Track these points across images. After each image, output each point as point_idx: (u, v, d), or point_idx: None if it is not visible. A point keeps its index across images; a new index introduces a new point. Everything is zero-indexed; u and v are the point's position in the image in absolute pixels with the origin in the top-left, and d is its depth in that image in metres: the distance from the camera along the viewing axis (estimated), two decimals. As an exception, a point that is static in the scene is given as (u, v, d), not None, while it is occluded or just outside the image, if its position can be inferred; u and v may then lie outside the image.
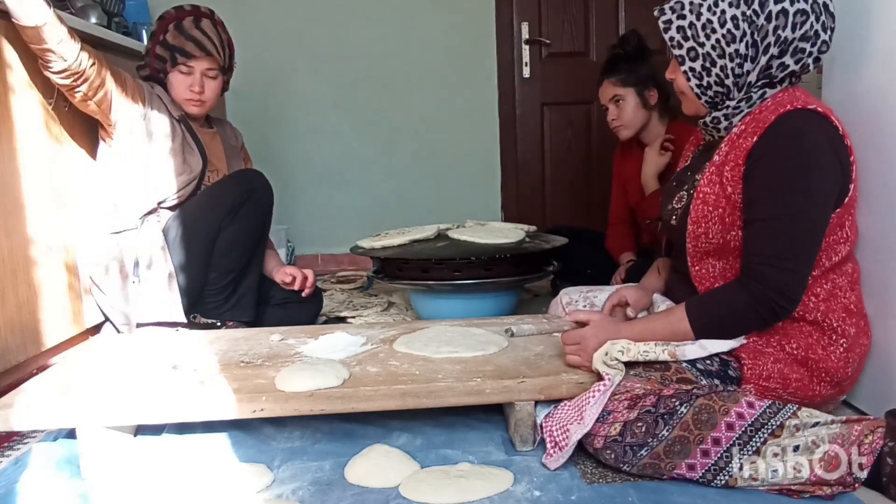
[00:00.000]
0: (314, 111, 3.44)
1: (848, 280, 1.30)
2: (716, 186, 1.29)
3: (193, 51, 1.90)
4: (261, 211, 1.92)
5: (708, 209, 1.29)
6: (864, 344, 1.30)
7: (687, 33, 1.28)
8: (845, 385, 1.31)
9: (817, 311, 1.26)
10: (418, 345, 1.49)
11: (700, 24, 1.26)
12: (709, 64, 1.28)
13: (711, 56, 1.27)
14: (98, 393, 1.28)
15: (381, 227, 2.49)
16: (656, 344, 1.25)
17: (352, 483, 1.18)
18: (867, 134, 1.33)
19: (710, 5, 1.26)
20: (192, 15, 1.94)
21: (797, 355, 1.26)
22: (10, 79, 1.66)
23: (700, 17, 1.26)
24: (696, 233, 1.32)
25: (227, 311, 1.91)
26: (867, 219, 1.34)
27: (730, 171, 1.27)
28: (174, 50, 1.90)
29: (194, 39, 1.90)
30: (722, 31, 1.25)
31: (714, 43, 1.26)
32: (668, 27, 1.30)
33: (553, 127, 3.51)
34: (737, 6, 1.24)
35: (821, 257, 1.26)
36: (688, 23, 1.28)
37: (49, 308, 1.79)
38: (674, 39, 1.30)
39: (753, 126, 1.26)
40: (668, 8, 1.31)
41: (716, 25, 1.25)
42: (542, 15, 3.42)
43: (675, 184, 1.46)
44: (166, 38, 1.91)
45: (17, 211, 1.68)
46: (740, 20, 1.24)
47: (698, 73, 1.29)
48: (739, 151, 1.26)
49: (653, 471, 1.14)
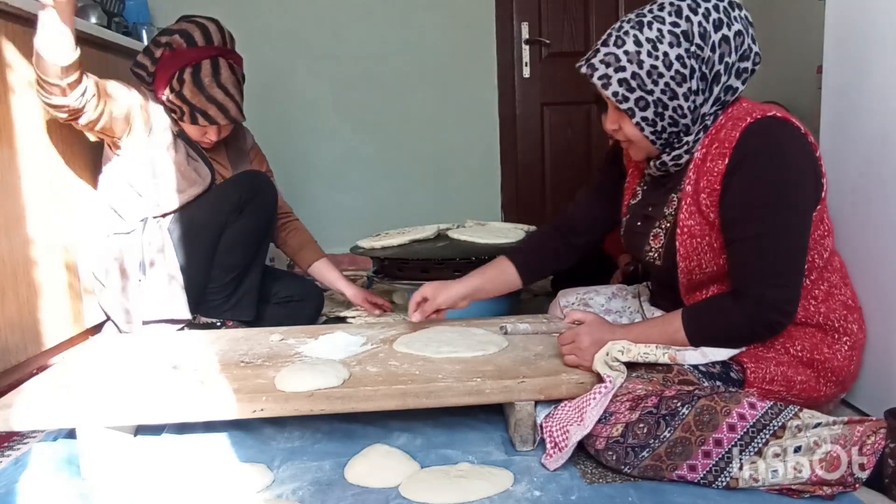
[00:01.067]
0: (314, 111, 3.44)
1: (840, 276, 1.30)
2: (697, 217, 1.26)
3: (217, 117, 1.82)
4: (265, 210, 1.91)
5: (696, 241, 1.27)
6: (863, 339, 1.31)
7: (631, 84, 1.21)
8: (848, 382, 1.31)
9: (818, 314, 1.26)
10: (418, 345, 1.49)
11: (644, 73, 1.20)
12: (661, 109, 1.22)
13: (662, 101, 1.21)
14: (98, 393, 1.28)
15: (381, 227, 2.49)
16: (657, 347, 1.24)
17: (352, 483, 1.18)
18: (867, 133, 1.33)
19: (650, 50, 1.19)
20: (208, 57, 1.81)
21: (802, 357, 1.25)
22: (10, 79, 1.66)
23: (642, 66, 1.19)
24: (688, 267, 1.29)
25: (228, 310, 1.91)
26: (867, 218, 1.34)
27: (707, 198, 1.24)
28: (194, 109, 1.81)
29: (217, 103, 1.81)
30: (670, 73, 1.19)
31: (663, 87, 1.20)
32: (608, 83, 1.22)
33: (553, 127, 3.51)
34: (678, 45, 1.19)
35: (812, 257, 1.25)
36: (630, 74, 1.20)
37: (49, 308, 1.79)
38: (618, 94, 1.22)
39: (717, 147, 1.23)
40: (599, 62, 1.23)
41: (662, 70, 1.19)
42: (542, 15, 3.42)
43: (640, 222, 1.42)
44: (183, 91, 1.80)
45: (17, 211, 1.68)
46: (686, 58, 1.19)
47: (651, 120, 1.23)
48: (712, 176, 1.23)
49: (654, 472, 1.14)
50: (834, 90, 1.47)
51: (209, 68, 1.81)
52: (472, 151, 3.50)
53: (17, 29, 1.69)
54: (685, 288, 1.33)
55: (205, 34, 1.83)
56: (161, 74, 1.83)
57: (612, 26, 1.26)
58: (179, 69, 1.80)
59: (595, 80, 1.23)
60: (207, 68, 1.81)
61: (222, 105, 1.82)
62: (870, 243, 1.35)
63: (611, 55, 1.22)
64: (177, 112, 1.84)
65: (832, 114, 1.47)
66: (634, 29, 1.21)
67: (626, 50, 1.20)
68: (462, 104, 3.47)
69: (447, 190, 3.51)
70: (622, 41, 1.21)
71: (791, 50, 3.04)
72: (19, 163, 1.69)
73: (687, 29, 1.19)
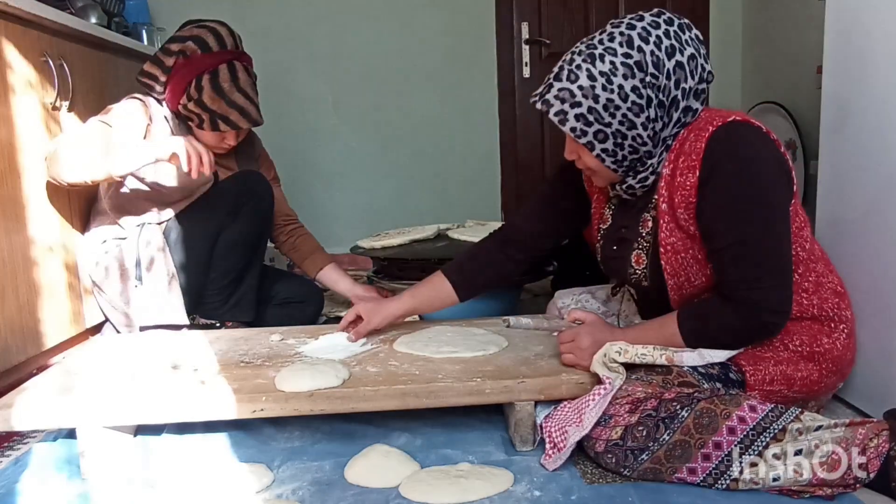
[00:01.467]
0: (314, 111, 3.44)
1: (824, 263, 1.30)
2: (677, 233, 1.25)
3: (239, 121, 1.81)
4: (261, 212, 1.90)
5: (680, 257, 1.26)
6: (853, 321, 1.30)
7: (588, 119, 1.19)
8: (847, 369, 1.31)
9: (812, 307, 1.26)
10: (418, 345, 1.49)
11: (601, 106, 1.18)
12: (620, 139, 1.21)
13: (621, 132, 1.20)
14: (98, 393, 1.28)
15: (381, 227, 2.50)
16: (654, 348, 1.24)
17: (352, 483, 1.18)
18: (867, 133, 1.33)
19: (604, 84, 1.17)
20: (224, 62, 1.79)
21: (802, 352, 1.25)
22: (10, 79, 1.66)
23: (598, 100, 1.18)
24: (678, 283, 1.29)
25: (227, 311, 1.91)
26: (867, 218, 1.34)
27: (684, 212, 1.23)
28: (215, 116, 1.79)
29: (238, 108, 1.79)
30: (626, 105, 1.18)
31: (621, 118, 1.19)
32: (565, 118, 1.21)
33: (553, 127, 3.48)
34: (632, 76, 1.17)
35: (795, 250, 1.24)
36: (586, 108, 1.19)
37: (49, 308, 1.79)
38: (576, 129, 1.21)
39: (685, 160, 1.22)
40: (554, 98, 1.21)
41: (618, 102, 1.18)
42: (542, 15, 3.42)
43: (616, 246, 1.40)
44: (203, 98, 1.77)
45: (17, 211, 1.68)
46: (641, 88, 1.18)
47: (611, 151, 1.22)
48: (685, 190, 1.22)
49: (654, 475, 1.13)
50: (834, 90, 1.47)
51: (227, 73, 1.79)
52: (472, 151, 3.51)
53: (17, 29, 1.70)
54: (676, 303, 1.31)
55: (218, 39, 1.81)
56: (175, 83, 1.80)
57: (563, 58, 1.24)
58: (196, 77, 1.78)
59: (551, 116, 1.22)
60: (225, 74, 1.79)
61: (243, 109, 1.81)
62: (869, 243, 1.35)
63: (565, 90, 1.20)
64: (195, 120, 1.82)
65: (832, 114, 1.47)
66: (587, 62, 1.19)
67: (581, 84, 1.19)
68: (462, 104, 3.47)
69: (447, 190, 3.51)
70: (575, 76, 1.19)
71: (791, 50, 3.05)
72: (19, 163, 1.69)
73: (640, 59, 1.18)
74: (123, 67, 2.31)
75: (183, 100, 1.80)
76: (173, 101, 1.82)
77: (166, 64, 1.81)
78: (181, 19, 1.94)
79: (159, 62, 1.82)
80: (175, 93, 1.81)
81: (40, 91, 1.79)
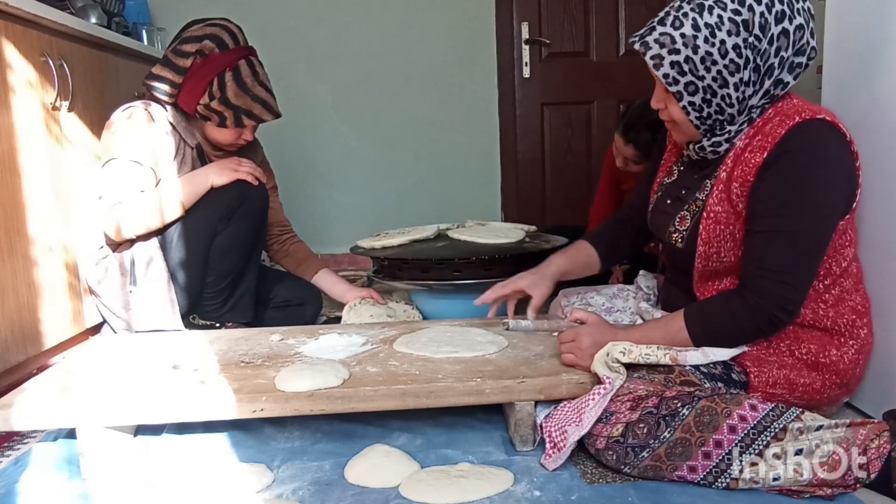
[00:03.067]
0: (314, 111, 3.44)
1: (853, 281, 1.30)
2: (725, 204, 1.26)
3: (263, 114, 1.83)
4: (255, 215, 1.89)
5: (720, 228, 1.27)
6: (871, 343, 1.30)
7: (683, 68, 1.19)
8: (852, 385, 1.31)
9: (827, 318, 1.26)
10: (418, 345, 1.49)
11: (698, 58, 1.18)
12: (709, 96, 1.21)
13: (712, 88, 1.20)
14: (98, 393, 1.28)
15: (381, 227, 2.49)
16: (658, 347, 1.24)
17: (352, 483, 1.18)
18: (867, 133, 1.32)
19: (707, 36, 1.17)
20: (242, 57, 1.80)
21: (808, 360, 1.25)
22: (10, 79, 1.66)
23: (697, 51, 1.18)
24: (707, 253, 1.29)
25: (226, 313, 1.91)
26: (867, 219, 1.34)
27: (739, 188, 1.23)
28: (239, 111, 1.80)
29: (261, 101, 1.82)
30: (724, 61, 1.18)
31: (715, 75, 1.19)
32: (660, 63, 1.20)
33: (553, 127, 3.50)
34: (737, 34, 1.17)
35: (830, 265, 1.25)
36: (683, 57, 1.19)
37: (49, 308, 1.79)
38: (668, 76, 1.21)
39: (760, 140, 1.22)
40: (653, 41, 1.20)
41: (716, 57, 1.18)
42: (542, 15, 3.42)
43: (669, 201, 1.42)
44: (227, 95, 1.77)
45: (17, 211, 1.68)
46: (742, 48, 1.17)
47: (698, 105, 1.23)
48: (748, 167, 1.22)
49: (654, 473, 1.13)
50: (834, 90, 1.47)
51: (247, 69, 1.81)
52: (472, 151, 3.50)
53: (18, 29, 1.70)
54: (699, 275, 1.32)
55: (232, 36, 1.82)
56: (194, 83, 1.79)
57: (671, 4, 1.23)
58: (218, 74, 1.78)
59: (647, 58, 1.21)
60: (246, 69, 1.80)
61: (265, 101, 1.83)
62: (868, 242, 1.35)
63: (666, 35, 1.19)
64: (215, 119, 1.81)
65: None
66: (694, 11, 1.18)
67: (683, 33, 1.18)
68: (462, 104, 3.47)
69: (447, 190, 3.50)
70: (680, 23, 1.19)
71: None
72: (19, 163, 1.69)
73: (748, 18, 1.17)
74: (123, 67, 2.31)
75: (204, 99, 1.79)
76: (191, 102, 1.80)
77: (181, 65, 1.79)
78: (181, 19, 1.94)
79: (171, 64, 1.80)
80: (194, 93, 1.79)
81: (40, 91, 1.79)
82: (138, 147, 1.76)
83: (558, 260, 1.57)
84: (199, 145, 1.91)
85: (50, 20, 1.81)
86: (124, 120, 1.78)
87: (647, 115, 2.15)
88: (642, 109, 2.17)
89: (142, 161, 1.77)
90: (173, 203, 1.77)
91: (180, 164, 1.85)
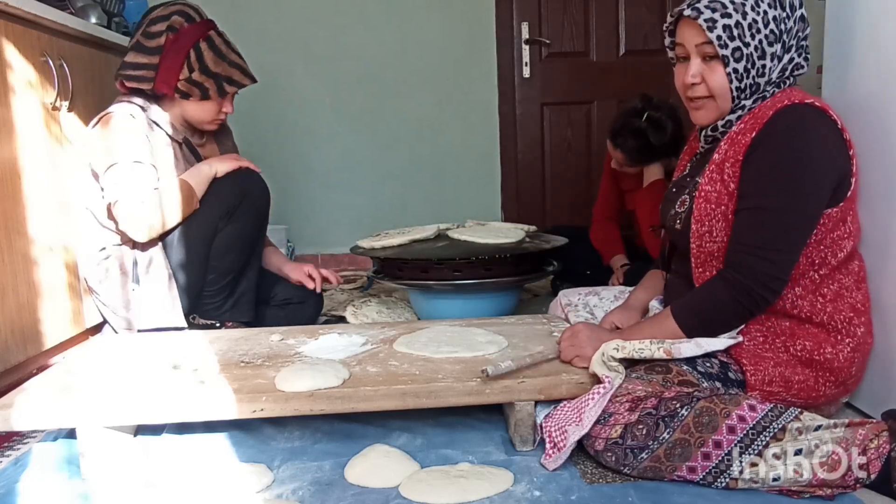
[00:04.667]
0: (313, 112, 3.44)
1: (854, 279, 1.30)
2: (717, 184, 1.29)
3: (242, 79, 1.85)
4: (256, 212, 1.90)
5: (711, 207, 1.29)
6: (869, 343, 1.31)
7: (734, 33, 1.24)
8: (850, 384, 1.31)
9: (824, 313, 1.26)
10: (418, 345, 1.49)
11: (746, 24, 1.24)
12: (749, 65, 1.26)
13: (753, 57, 1.25)
14: (98, 393, 1.28)
15: (381, 227, 2.49)
16: (651, 342, 1.25)
17: (352, 483, 1.18)
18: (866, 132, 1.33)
19: (753, 5, 1.24)
20: (211, 28, 1.85)
21: (802, 357, 1.25)
22: (10, 79, 1.66)
23: (746, 17, 1.24)
24: (699, 231, 1.31)
25: (226, 312, 1.91)
26: (865, 217, 1.34)
27: (730, 168, 1.27)
28: (220, 79, 1.82)
29: (238, 66, 1.85)
30: (765, 31, 1.24)
31: (757, 44, 1.25)
32: (713, 26, 1.24)
33: (553, 127, 3.51)
34: (775, 7, 1.25)
35: (825, 254, 1.26)
36: (734, 22, 1.24)
37: (49, 308, 1.79)
38: (721, 38, 1.24)
39: (752, 122, 1.26)
40: (705, 7, 1.25)
41: (760, 26, 1.24)
42: (542, 15, 3.42)
43: (675, 189, 1.46)
44: (206, 63, 1.79)
45: (17, 211, 1.68)
46: (779, 21, 1.25)
47: (740, 73, 1.26)
48: (738, 147, 1.26)
49: (653, 473, 1.14)
50: (834, 90, 1.47)
51: (219, 38, 1.85)
52: (471, 151, 3.50)
53: (18, 29, 1.70)
54: (696, 260, 1.33)
55: (196, 10, 1.87)
56: (171, 59, 1.79)
57: None
58: (194, 46, 1.80)
59: (701, 20, 1.25)
60: (218, 38, 1.85)
61: (241, 66, 1.87)
62: (867, 241, 1.35)
63: (717, 2, 1.25)
64: (197, 92, 1.81)
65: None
66: None
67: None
68: (462, 104, 3.47)
69: (447, 190, 3.50)
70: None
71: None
72: (19, 163, 1.69)
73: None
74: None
75: (184, 73, 1.80)
76: (171, 80, 1.80)
77: (153, 45, 1.80)
78: (181, 19, 1.94)
79: (144, 48, 1.80)
80: (173, 69, 1.79)
81: (40, 91, 1.79)
82: (140, 147, 1.76)
83: (639, 293, 1.57)
84: (186, 139, 1.92)
85: (50, 20, 1.81)
86: (120, 121, 1.77)
87: (630, 122, 2.18)
88: (626, 117, 2.21)
89: (146, 160, 1.77)
90: (190, 196, 1.78)
91: (175, 161, 1.85)
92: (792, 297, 1.26)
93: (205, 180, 1.82)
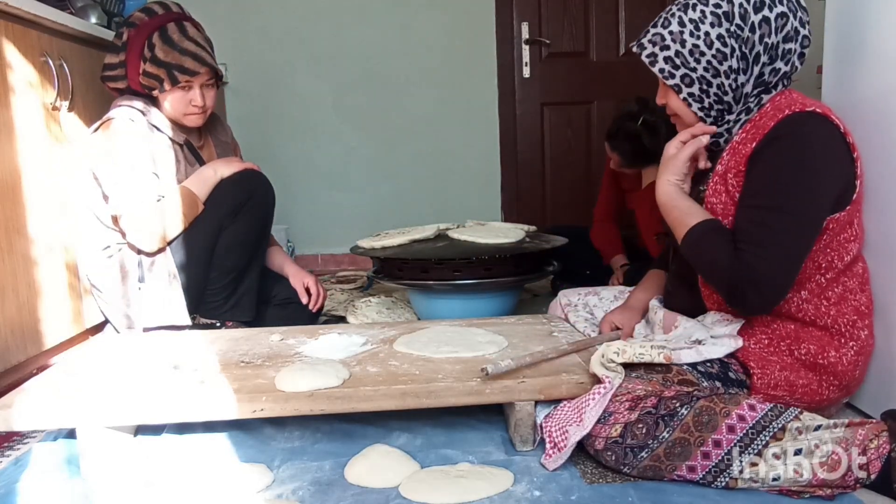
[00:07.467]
0: (314, 111, 3.44)
1: (858, 281, 1.30)
2: (722, 195, 1.28)
3: (194, 67, 1.81)
4: (262, 211, 1.91)
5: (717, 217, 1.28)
6: (871, 345, 1.30)
7: (676, 62, 1.28)
8: (852, 387, 1.31)
9: (828, 316, 1.26)
10: (418, 345, 1.49)
11: (687, 51, 1.27)
12: (705, 85, 1.29)
13: (706, 77, 1.28)
14: (98, 393, 1.28)
15: (381, 227, 2.49)
16: (652, 347, 1.24)
17: (352, 483, 1.18)
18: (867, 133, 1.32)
19: (692, 30, 1.27)
20: (171, 20, 1.82)
21: (806, 360, 1.25)
22: (10, 79, 1.66)
23: (685, 45, 1.27)
24: None
25: (227, 311, 1.91)
26: (867, 219, 1.34)
27: (734, 178, 1.26)
28: (171, 68, 1.78)
29: (190, 53, 1.80)
30: (711, 52, 1.26)
31: (706, 65, 1.27)
32: (655, 60, 1.30)
33: (553, 127, 3.51)
34: (719, 25, 1.25)
35: (832, 258, 1.25)
36: (674, 52, 1.28)
37: (49, 308, 1.79)
38: (664, 70, 1.30)
39: (753, 132, 1.26)
40: (647, 42, 1.31)
41: (703, 48, 1.26)
42: (542, 15, 3.42)
43: None
44: (156, 54, 1.78)
45: (17, 211, 1.68)
46: (726, 37, 1.25)
47: (697, 96, 1.30)
48: (740, 157, 1.26)
49: (653, 473, 1.14)
50: (834, 90, 1.47)
51: (175, 27, 1.82)
52: (472, 151, 3.51)
53: (18, 29, 1.70)
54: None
55: (163, 6, 1.85)
56: (132, 54, 1.80)
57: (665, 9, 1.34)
58: (147, 38, 1.79)
59: (643, 57, 1.32)
60: (174, 28, 1.81)
61: (196, 54, 1.81)
62: (869, 243, 1.35)
63: (657, 35, 1.30)
64: (156, 85, 1.81)
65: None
66: (680, 11, 1.30)
67: (671, 30, 1.29)
68: (462, 104, 3.47)
69: (447, 190, 3.51)
70: (668, 22, 1.30)
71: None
72: (19, 163, 1.69)
73: (728, 10, 1.25)
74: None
75: (141, 66, 1.80)
76: (135, 76, 1.82)
77: (118, 44, 1.83)
78: (181, 19, 1.94)
79: (113, 47, 1.84)
80: (134, 64, 1.81)
81: (40, 91, 1.79)
82: (142, 154, 1.77)
83: (639, 293, 1.58)
84: (188, 141, 1.92)
85: (50, 20, 1.81)
86: (121, 127, 1.77)
87: (626, 126, 2.19)
88: (622, 121, 2.23)
89: (147, 169, 1.77)
90: (193, 203, 1.79)
91: (176, 163, 1.85)
92: (797, 301, 1.26)
93: (208, 185, 1.83)
